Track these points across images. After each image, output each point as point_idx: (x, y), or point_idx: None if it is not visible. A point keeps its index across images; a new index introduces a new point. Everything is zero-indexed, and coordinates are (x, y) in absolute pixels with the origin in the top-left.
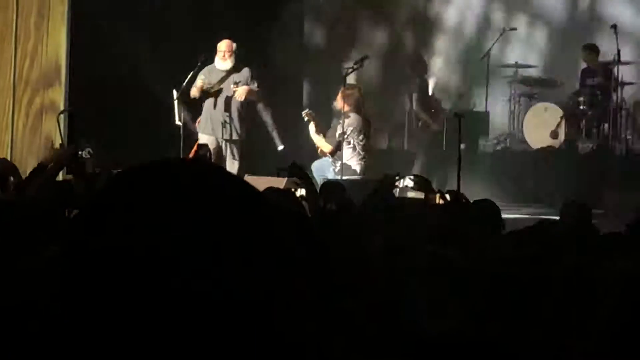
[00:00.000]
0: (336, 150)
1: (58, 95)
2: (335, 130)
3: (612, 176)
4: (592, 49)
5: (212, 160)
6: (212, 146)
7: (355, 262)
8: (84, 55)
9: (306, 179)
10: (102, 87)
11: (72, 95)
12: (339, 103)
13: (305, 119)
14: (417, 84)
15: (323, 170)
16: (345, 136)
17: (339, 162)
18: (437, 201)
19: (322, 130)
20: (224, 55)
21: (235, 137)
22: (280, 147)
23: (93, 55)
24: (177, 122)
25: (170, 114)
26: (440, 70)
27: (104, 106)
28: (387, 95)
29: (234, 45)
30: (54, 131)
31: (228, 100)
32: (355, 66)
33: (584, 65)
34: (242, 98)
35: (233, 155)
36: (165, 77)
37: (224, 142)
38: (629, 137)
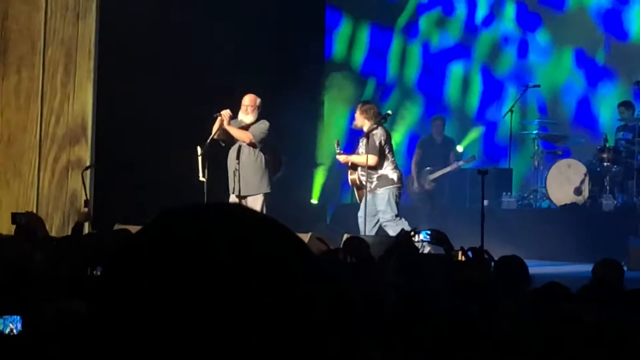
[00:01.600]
0: (380, 162)
1: (84, 152)
2: (360, 149)
3: (635, 233)
4: (627, 106)
5: None
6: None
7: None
8: (109, 112)
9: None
10: (127, 143)
11: (97, 151)
12: (358, 120)
13: (336, 146)
14: None
15: None
16: (381, 147)
17: (375, 175)
18: (459, 257)
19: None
20: (246, 109)
21: (250, 191)
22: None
23: (118, 112)
24: (201, 179)
25: (194, 170)
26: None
27: (128, 162)
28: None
29: (258, 100)
30: (80, 187)
31: (239, 149)
32: (380, 122)
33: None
34: (233, 134)
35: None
36: (189, 133)
37: (241, 200)
38: None
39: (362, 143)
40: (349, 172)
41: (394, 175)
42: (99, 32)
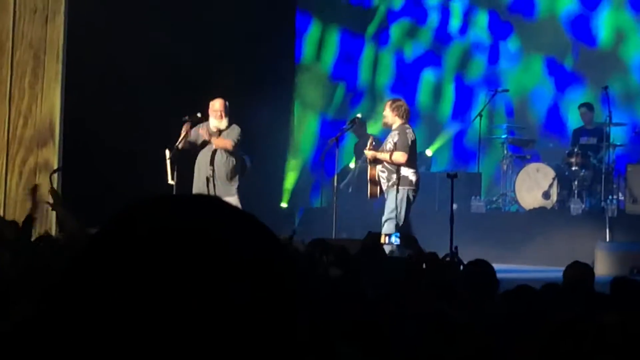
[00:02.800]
0: (408, 161)
1: (52, 155)
2: (388, 144)
3: (603, 237)
4: (589, 108)
5: None
6: None
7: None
8: (77, 114)
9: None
10: (94, 146)
11: (65, 154)
12: (389, 118)
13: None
14: None
15: None
16: (412, 146)
17: (394, 174)
18: (426, 260)
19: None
20: (219, 115)
21: (226, 195)
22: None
23: (85, 114)
24: (170, 182)
25: (164, 173)
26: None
27: (96, 165)
28: None
29: (227, 103)
30: (47, 190)
31: (213, 154)
32: (348, 126)
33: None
34: (216, 145)
35: None
36: (158, 135)
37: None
38: (621, 198)
39: (391, 139)
40: (369, 167)
41: (413, 177)
42: (68, 34)
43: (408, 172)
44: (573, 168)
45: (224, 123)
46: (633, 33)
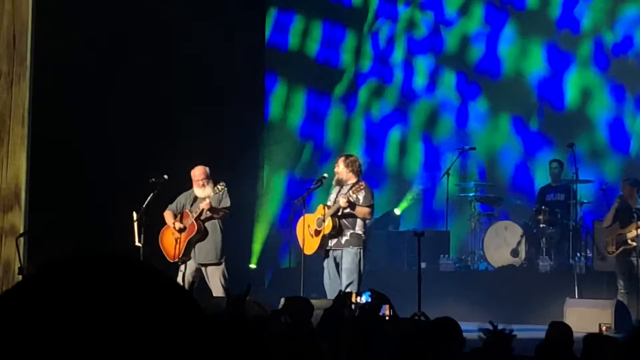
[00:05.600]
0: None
1: (17, 219)
2: (340, 200)
3: (572, 294)
4: (560, 164)
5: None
6: (189, 271)
7: None
8: (43, 178)
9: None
10: (61, 209)
11: (31, 218)
12: (343, 174)
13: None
14: None
15: None
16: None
17: (349, 231)
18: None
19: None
20: (202, 184)
21: (211, 259)
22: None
23: (52, 178)
24: (137, 244)
25: (129, 236)
26: None
27: (62, 229)
28: None
29: (207, 169)
30: (13, 255)
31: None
32: (315, 185)
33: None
34: (205, 206)
35: (218, 278)
36: (125, 198)
37: (201, 266)
38: (589, 255)
39: (354, 195)
40: (329, 218)
41: (364, 236)
42: (33, 98)
43: (360, 231)
44: (541, 225)
45: (207, 190)
46: (598, 91)
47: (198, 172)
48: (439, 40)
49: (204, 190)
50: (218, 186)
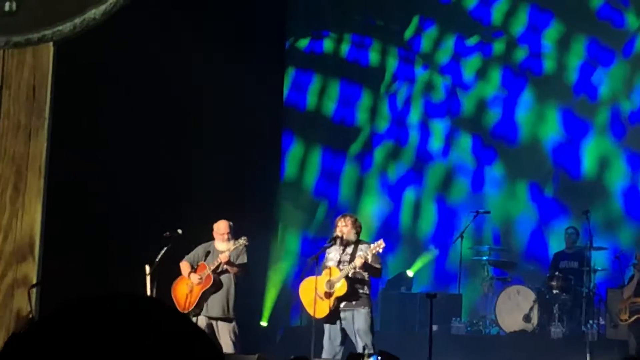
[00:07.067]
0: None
1: (31, 270)
2: (345, 260)
3: None
4: (576, 230)
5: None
6: (202, 325)
7: None
8: (58, 230)
9: None
10: (75, 261)
11: (44, 269)
12: (350, 233)
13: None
14: None
15: None
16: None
17: (362, 291)
18: None
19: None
20: (226, 238)
21: (222, 313)
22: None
23: (67, 230)
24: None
25: (142, 289)
26: None
27: (76, 281)
28: None
29: (231, 224)
30: (25, 305)
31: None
32: (328, 244)
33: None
34: (223, 259)
35: (228, 334)
36: (138, 252)
37: (214, 321)
38: (602, 323)
39: (362, 254)
40: (343, 279)
41: (369, 297)
42: (50, 149)
43: (369, 291)
44: (554, 291)
45: (230, 244)
46: (615, 159)
47: (222, 226)
48: (455, 103)
49: (227, 244)
50: (240, 240)
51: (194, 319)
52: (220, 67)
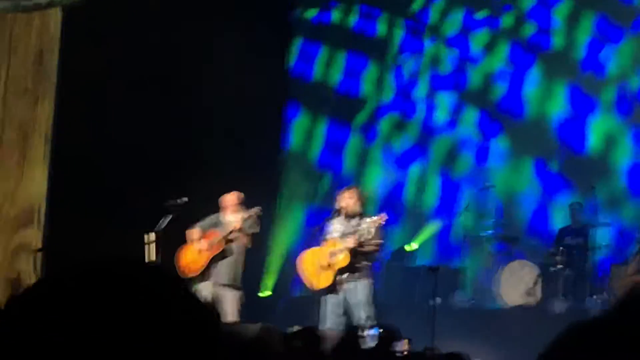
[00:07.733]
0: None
1: (35, 235)
2: (348, 231)
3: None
4: (580, 206)
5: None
6: (205, 292)
7: None
8: (63, 195)
9: None
10: (79, 227)
11: (50, 235)
12: (356, 205)
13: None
14: None
15: None
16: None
17: (365, 263)
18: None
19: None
20: (235, 209)
21: (230, 281)
22: None
23: (72, 196)
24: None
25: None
26: None
27: (80, 247)
28: None
29: (242, 195)
30: (30, 270)
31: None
32: (332, 216)
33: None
34: (236, 225)
35: (235, 302)
36: (142, 219)
37: (221, 286)
38: (605, 298)
39: (367, 227)
40: (346, 251)
41: (371, 269)
42: (57, 115)
43: (371, 263)
44: (557, 266)
45: (238, 216)
46: (621, 137)
47: (233, 197)
48: (462, 77)
49: (235, 216)
50: (253, 209)
51: (200, 285)
52: (226, 37)
